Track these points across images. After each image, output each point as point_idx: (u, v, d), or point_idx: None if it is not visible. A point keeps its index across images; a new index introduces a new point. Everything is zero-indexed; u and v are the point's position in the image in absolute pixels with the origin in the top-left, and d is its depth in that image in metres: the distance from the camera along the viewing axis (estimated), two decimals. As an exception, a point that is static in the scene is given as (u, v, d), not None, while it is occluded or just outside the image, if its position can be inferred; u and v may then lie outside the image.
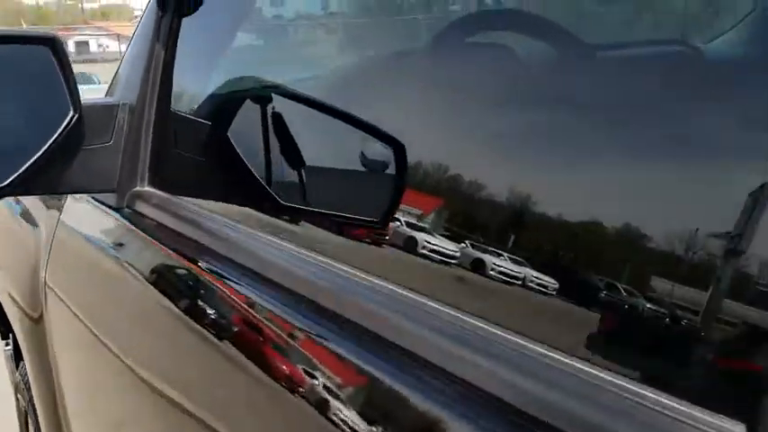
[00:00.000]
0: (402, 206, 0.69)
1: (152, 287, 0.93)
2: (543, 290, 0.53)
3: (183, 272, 0.90)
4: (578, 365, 0.43)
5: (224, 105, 0.93)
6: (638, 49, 0.65)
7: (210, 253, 0.83)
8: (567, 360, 0.44)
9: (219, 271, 0.81)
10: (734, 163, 0.44)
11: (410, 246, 0.68)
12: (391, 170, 0.70)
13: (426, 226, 0.67)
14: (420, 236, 0.67)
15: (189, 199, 0.95)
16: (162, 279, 0.93)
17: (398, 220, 0.69)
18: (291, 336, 0.67)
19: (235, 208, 0.91)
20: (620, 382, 0.41)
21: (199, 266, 0.86)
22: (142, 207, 0.99)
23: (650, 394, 0.39)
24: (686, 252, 0.43)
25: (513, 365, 0.46)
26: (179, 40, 0.98)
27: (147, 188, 1.00)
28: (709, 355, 0.42)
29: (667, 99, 0.51)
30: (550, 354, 0.45)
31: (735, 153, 0.45)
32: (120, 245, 1.03)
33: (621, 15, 0.66)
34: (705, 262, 0.42)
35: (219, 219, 0.88)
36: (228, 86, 0.98)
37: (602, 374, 0.42)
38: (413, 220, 0.68)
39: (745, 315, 0.39)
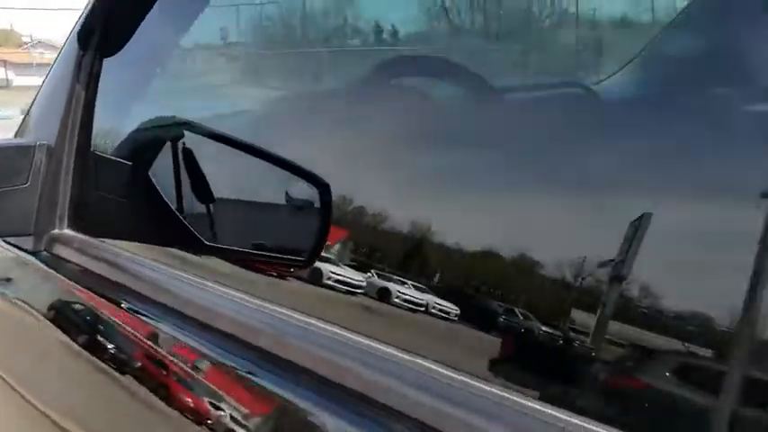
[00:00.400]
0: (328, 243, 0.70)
1: (72, 332, 0.90)
2: (445, 315, 0.56)
3: (106, 316, 0.88)
4: (479, 385, 0.46)
5: (146, 146, 0.92)
6: (540, 91, 0.71)
7: (135, 295, 0.82)
8: (469, 380, 0.47)
9: (144, 313, 0.79)
10: (618, 195, 0.48)
11: (331, 282, 0.70)
12: (316, 209, 0.71)
13: (342, 259, 0.69)
14: (336, 269, 0.69)
15: (112, 241, 0.93)
16: (84, 323, 0.90)
17: (324, 259, 0.71)
18: (216, 373, 0.66)
19: (159, 249, 0.90)
20: (519, 399, 0.44)
21: (123, 309, 0.84)
22: (61, 250, 0.96)
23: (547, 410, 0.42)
24: (575, 278, 0.47)
25: (421, 386, 0.49)
26: (102, 80, 0.97)
27: (67, 231, 0.97)
28: (601, 375, 0.46)
29: (564, 135, 0.56)
30: (453, 374, 0.48)
31: (621, 186, 0.49)
32: (38, 289, 0.99)
33: (523, 59, 0.72)
34: (593, 287, 0.46)
35: (143, 261, 0.86)
36: (150, 126, 0.97)
37: (504, 394, 0.45)
38: (335, 256, 0.70)
39: (630, 336, 0.43)
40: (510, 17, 0.72)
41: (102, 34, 0.94)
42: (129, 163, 0.90)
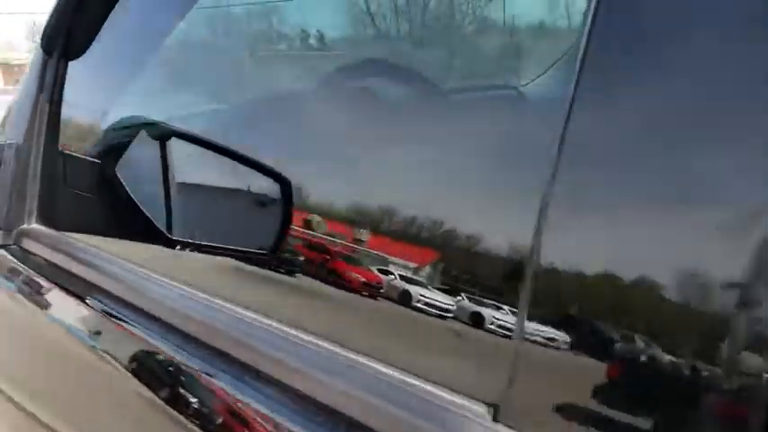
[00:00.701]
0: (290, 237, 0.74)
1: (39, 324, 0.94)
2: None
3: (71, 309, 0.92)
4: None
5: (113, 143, 0.97)
6: (477, 92, 0.76)
7: (99, 290, 0.85)
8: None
9: (108, 308, 0.83)
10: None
11: (295, 277, 0.74)
12: (278, 204, 0.76)
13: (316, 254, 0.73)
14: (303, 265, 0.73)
15: (77, 235, 0.98)
16: (49, 316, 0.94)
17: (283, 252, 0.75)
18: (178, 371, 0.69)
19: (124, 243, 0.94)
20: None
21: (87, 303, 0.87)
22: (29, 244, 1.01)
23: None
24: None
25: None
26: (68, 82, 1.02)
27: (35, 225, 1.02)
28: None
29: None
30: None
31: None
32: (8, 282, 1.04)
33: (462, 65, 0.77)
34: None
35: (108, 255, 0.90)
36: (117, 125, 1.01)
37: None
38: (297, 252, 0.74)
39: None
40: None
41: (65, 38, 0.99)
42: (96, 160, 0.95)
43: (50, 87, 1.00)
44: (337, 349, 0.55)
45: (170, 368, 0.71)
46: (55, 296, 0.94)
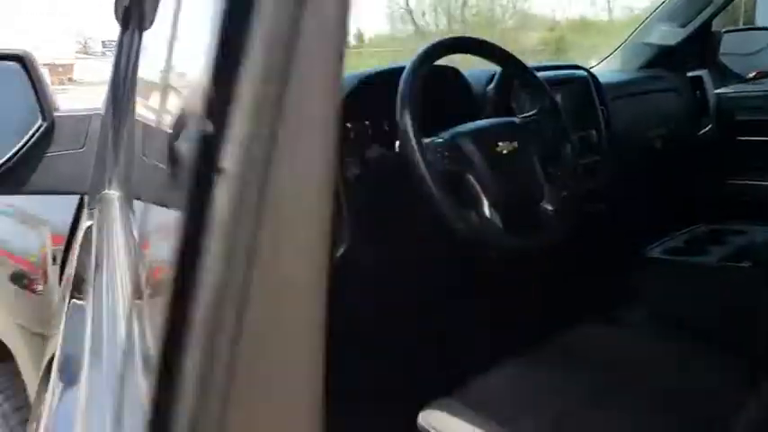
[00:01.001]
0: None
1: (115, 287, 0.99)
2: None
3: (141, 276, 0.94)
4: None
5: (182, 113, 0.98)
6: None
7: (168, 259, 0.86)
8: None
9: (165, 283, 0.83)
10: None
11: None
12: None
13: None
14: None
15: (149, 204, 1.01)
16: (122, 281, 0.99)
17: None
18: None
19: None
20: None
21: (154, 274, 0.89)
22: (108, 209, 1.06)
23: None
24: None
25: None
26: (142, 52, 1.05)
27: (113, 191, 1.07)
28: None
29: None
30: None
31: None
32: (92, 244, 1.11)
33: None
34: None
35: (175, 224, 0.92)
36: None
37: None
38: None
39: None
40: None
41: (138, 9, 1.01)
42: (167, 130, 0.97)
43: (126, 59, 1.04)
44: None
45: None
46: (127, 260, 0.99)
